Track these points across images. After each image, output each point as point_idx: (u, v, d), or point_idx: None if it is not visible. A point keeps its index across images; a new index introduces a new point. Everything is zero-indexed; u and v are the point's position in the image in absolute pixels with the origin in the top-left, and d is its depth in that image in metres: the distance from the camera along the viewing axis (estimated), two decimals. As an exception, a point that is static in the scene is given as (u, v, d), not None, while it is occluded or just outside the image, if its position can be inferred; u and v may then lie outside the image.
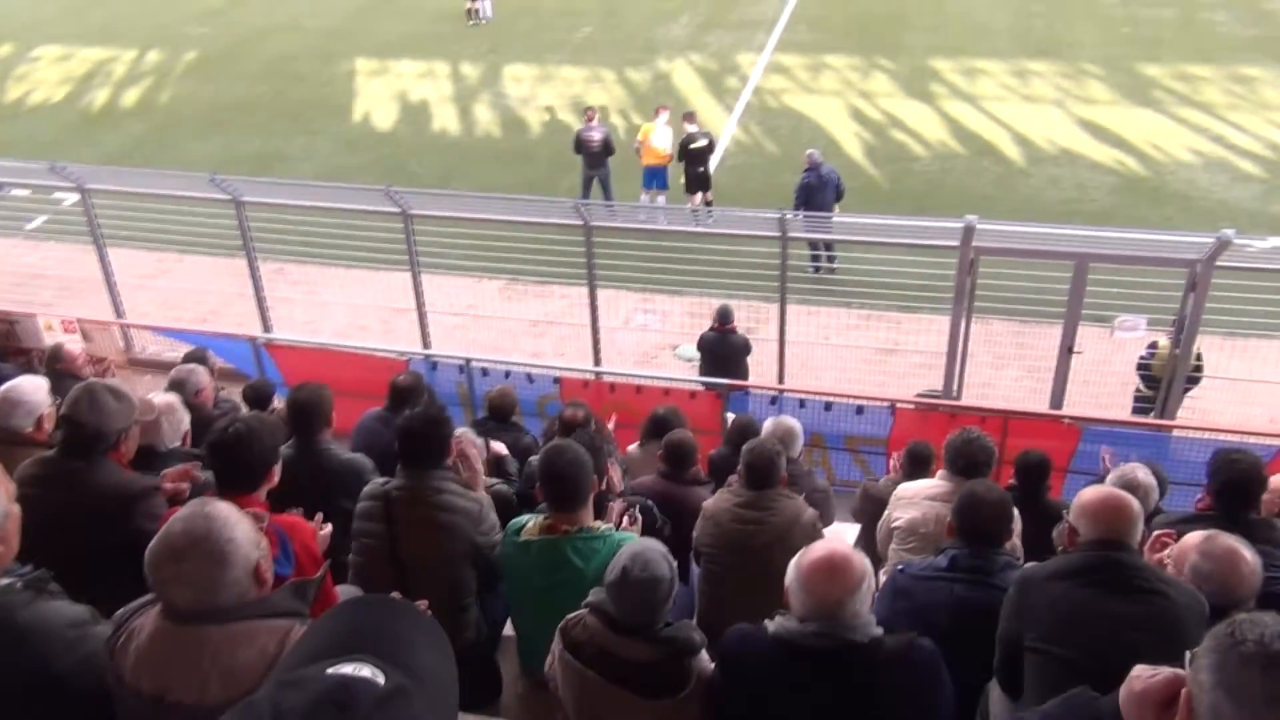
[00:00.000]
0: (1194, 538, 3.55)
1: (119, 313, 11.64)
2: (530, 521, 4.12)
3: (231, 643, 2.44)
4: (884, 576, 4.53)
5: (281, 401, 7.17)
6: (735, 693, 3.14)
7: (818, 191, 12.71)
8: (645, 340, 12.05)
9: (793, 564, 3.08)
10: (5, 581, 2.70)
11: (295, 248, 11.54)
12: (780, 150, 16.99)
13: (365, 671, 1.44)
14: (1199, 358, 9.26)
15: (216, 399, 6.54)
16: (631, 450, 6.84)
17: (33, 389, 4.58)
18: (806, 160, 13.03)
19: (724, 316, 9.93)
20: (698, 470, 5.91)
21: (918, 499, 5.21)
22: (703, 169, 14.36)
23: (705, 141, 14.27)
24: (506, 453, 6.34)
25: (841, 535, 6.51)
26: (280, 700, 1.40)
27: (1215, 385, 9.66)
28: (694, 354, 10.70)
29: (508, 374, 9.48)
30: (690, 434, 5.95)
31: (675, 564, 3.35)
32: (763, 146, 17.42)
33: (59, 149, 16.94)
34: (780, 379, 10.20)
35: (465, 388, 9.67)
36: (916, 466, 6.18)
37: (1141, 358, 9.49)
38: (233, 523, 2.55)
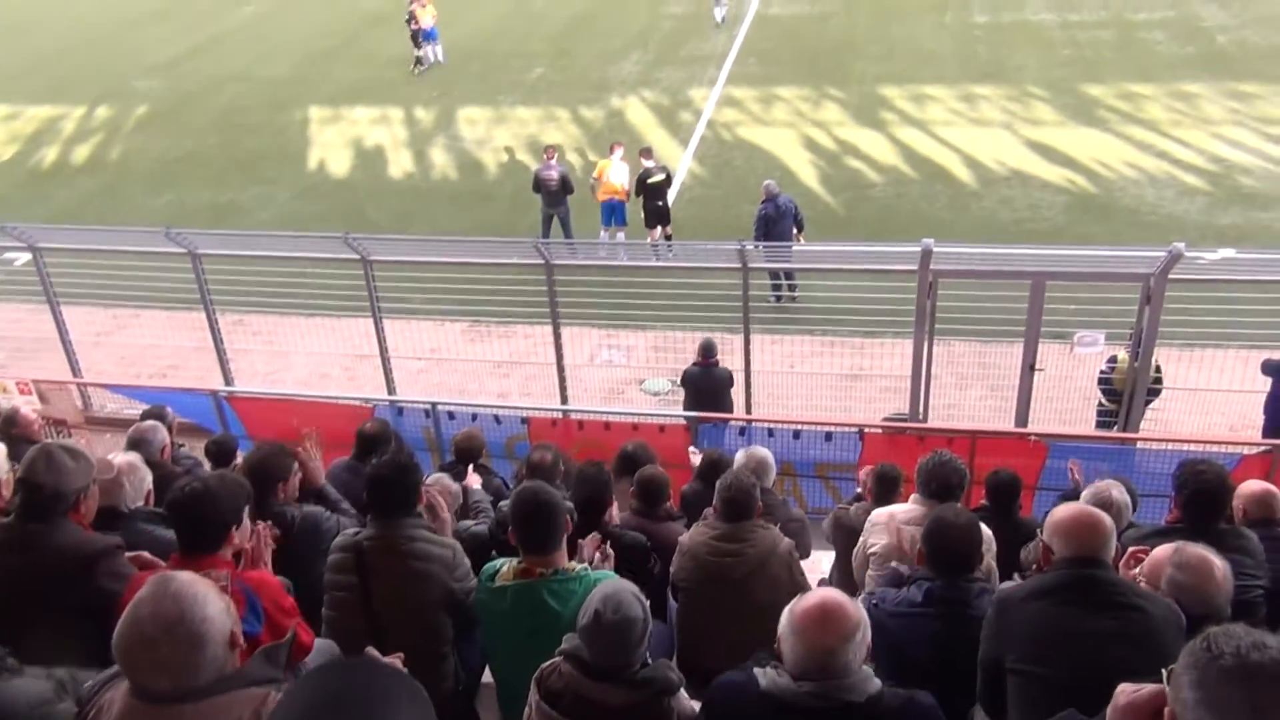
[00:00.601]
0: (1165, 550, 3.58)
1: (75, 372, 11.46)
2: (504, 566, 4.06)
3: (206, 719, 2.36)
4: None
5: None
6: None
7: (776, 222, 12.80)
8: (611, 376, 12.03)
9: (786, 611, 3.00)
10: None
11: (254, 298, 11.41)
12: (737, 182, 17.14)
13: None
14: (1158, 370, 9.38)
15: (176, 455, 6.42)
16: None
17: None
18: (764, 191, 13.14)
19: (708, 350, 9.91)
20: (671, 506, 5.88)
21: (893, 524, 5.20)
22: (661, 203, 14.43)
23: (662, 175, 14.36)
24: (479, 484, 6.27)
25: (819, 564, 6.50)
26: None
27: (1176, 396, 9.79)
28: (661, 387, 10.69)
29: (474, 416, 9.41)
30: (662, 469, 5.91)
31: (648, 604, 3.30)
32: (719, 179, 17.55)
33: (8, 208, 16.77)
34: (748, 409, 10.21)
35: (432, 432, 9.58)
36: (886, 489, 6.17)
37: (1102, 372, 9.60)
38: (203, 598, 2.42)
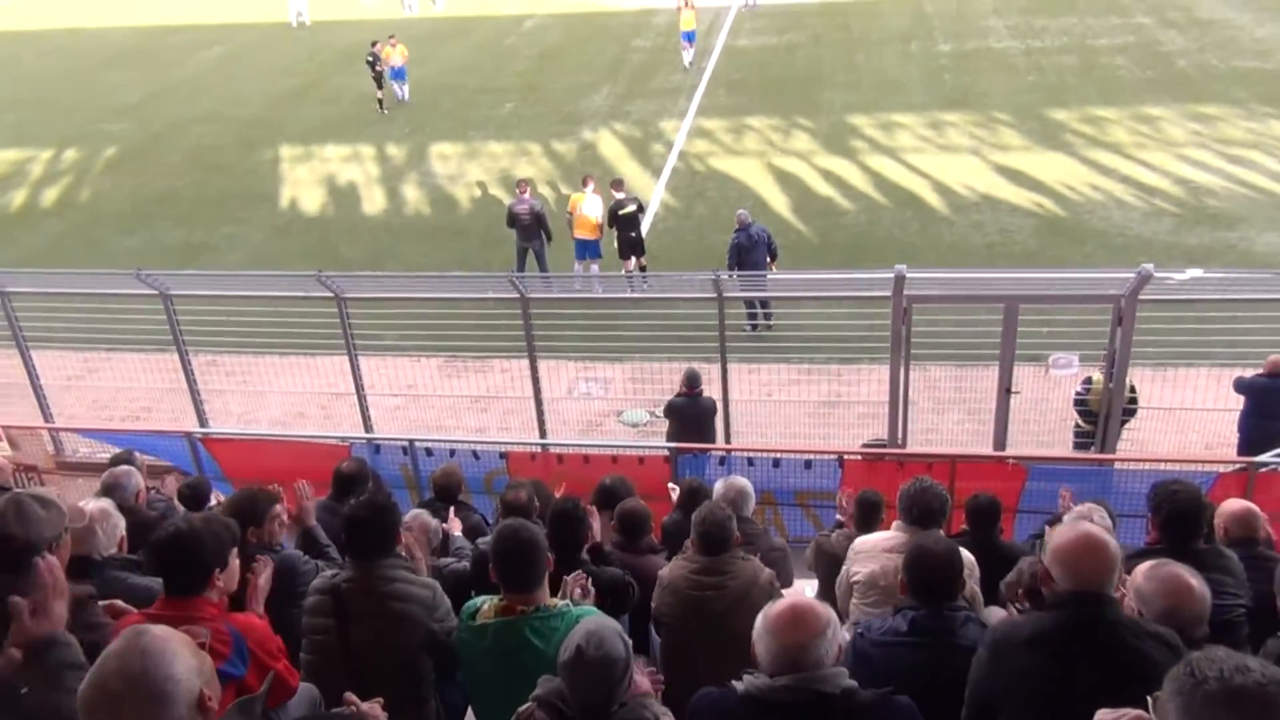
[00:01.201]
0: (1141, 568, 3.57)
1: (47, 416, 11.31)
2: (485, 604, 4.02)
3: None
4: (846, 635, 4.47)
5: (219, 498, 7.04)
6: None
7: (749, 251, 12.86)
8: (589, 409, 12.00)
9: (760, 617, 3.07)
10: None
11: (227, 338, 11.32)
12: (709, 212, 17.24)
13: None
14: (1133, 390, 9.44)
15: (149, 498, 6.35)
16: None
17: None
18: (737, 220, 13.20)
19: (692, 381, 9.87)
20: (652, 539, 5.84)
21: (875, 551, 5.18)
22: (635, 233, 14.47)
23: (634, 206, 14.41)
24: (459, 530, 6.23)
25: (802, 593, 6.46)
26: None
27: (1151, 416, 9.87)
28: (640, 419, 10.65)
29: (453, 452, 9.33)
30: (642, 502, 5.88)
31: (631, 642, 3.28)
32: (692, 209, 17.65)
33: (-26, 252, 16.61)
34: (727, 438, 10.19)
35: (410, 469, 9.50)
36: (868, 515, 6.16)
37: (1077, 394, 9.65)
38: (170, 655, 2.35)
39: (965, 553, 4.48)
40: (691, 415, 9.87)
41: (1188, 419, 9.95)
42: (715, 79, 24.45)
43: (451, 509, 6.59)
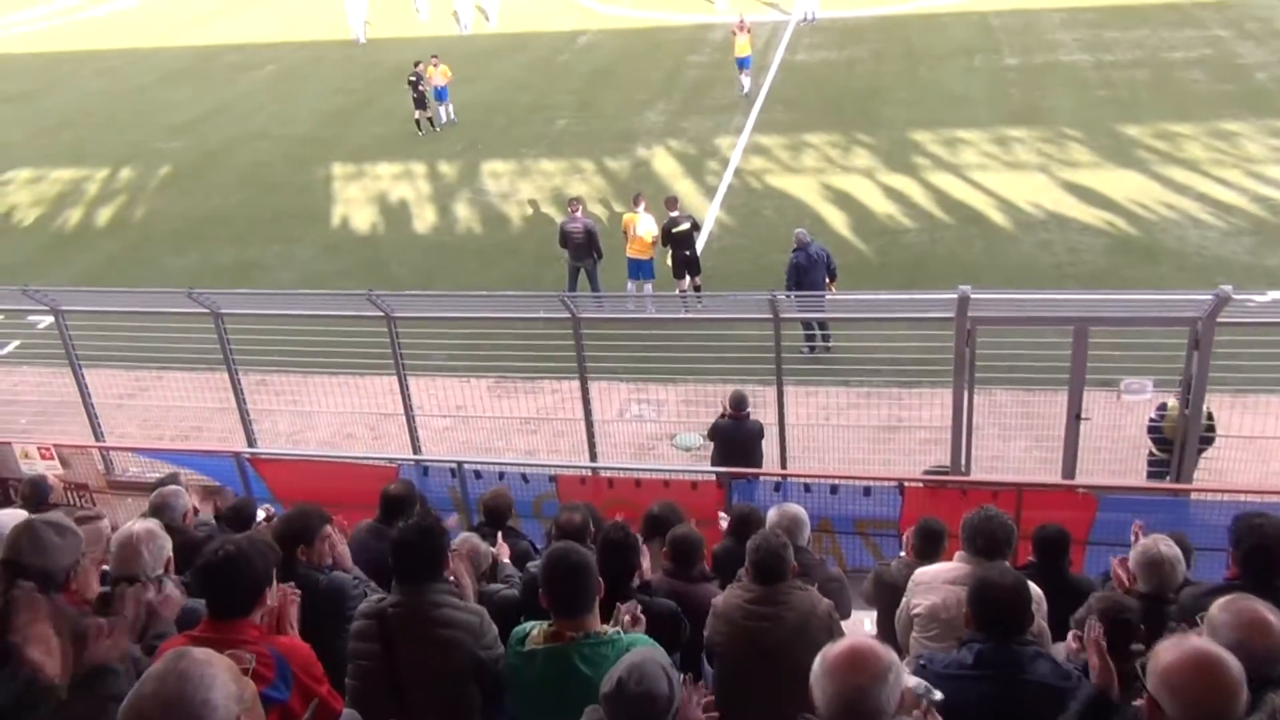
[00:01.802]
0: (1221, 600, 3.44)
1: (98, 435, 11.41)
2: (534, 629, 3.98)
3: None
4: (907, 669, 4.28)
5: (268, 511, 7.01)
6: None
7: (808, 271, 12.62)
8: (641, 432, 11.81)
9: (818, 658, 2.92)
10: None
11: (277, 358, 11.33)
12: (766, 231, 17.01)
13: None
14: (1210, 417, 9.10)
15: (195, 520, 6.30)
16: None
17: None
18: (795, 239, 12.99)
19: (739, 403, 9.63)
20: (705, 567, 5.66)
21: (937, 583, 5.08)
22: (689, 252, 14.28)
23: (688, 224, 14.21)
24: (508, 556, 6.08)
25: (860, 625, 6.25)
26: None
27: (1230, 444, 9.49)
28: (693, 443, 10.46)
29: (501, 475, 9.25)
30: (694, 528, 5.70)
31: (678, 677, 3.20)
32: (748, 228, 17.43)
33: (32, 271, 16.91)
34: (783, 464, 9.95)
35: (458, 492, 9.41)
36: (929, 545, 5.98)
37: (1152, 420, 9.33)
38: (209, 680, 2.36)
39: (1033, 586, 4.37)
40: (736, 438, 9.64)
41: (1269, 448, 9.57)
42: (773, 95, 24.22)
43: (499, 534, 6.43)
